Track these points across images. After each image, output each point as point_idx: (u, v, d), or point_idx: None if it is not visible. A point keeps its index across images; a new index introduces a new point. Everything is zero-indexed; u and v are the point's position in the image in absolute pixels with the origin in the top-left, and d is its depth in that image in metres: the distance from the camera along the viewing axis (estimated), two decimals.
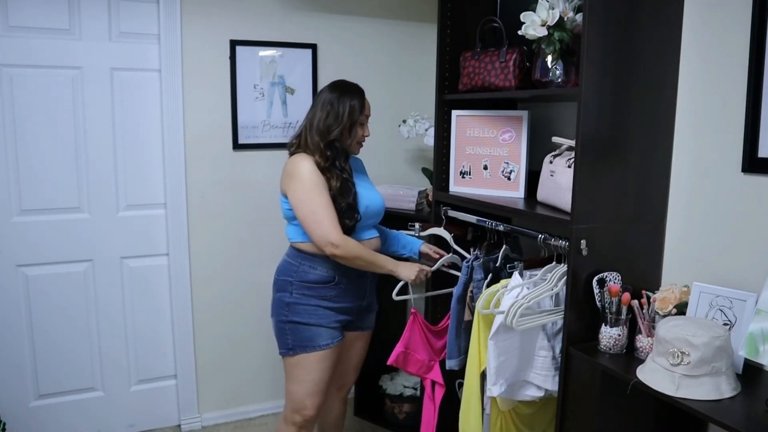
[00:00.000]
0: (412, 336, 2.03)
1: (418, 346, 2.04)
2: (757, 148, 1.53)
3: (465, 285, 2.08)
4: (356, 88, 1.97)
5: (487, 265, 2.04)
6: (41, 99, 2.39)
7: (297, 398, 1.97)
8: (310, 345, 1.93)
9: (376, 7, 2.87)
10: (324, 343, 1.94)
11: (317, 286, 1.94)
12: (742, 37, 1.55)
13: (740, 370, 1.47)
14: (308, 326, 1.93)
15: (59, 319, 2.54)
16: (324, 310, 1.95)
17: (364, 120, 1.96)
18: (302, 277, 1.95)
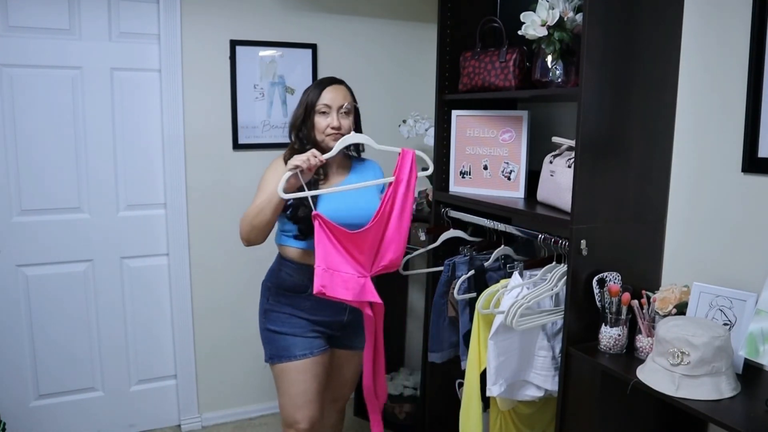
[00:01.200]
0: (325, 249, 1.68)
1: (338, 259, 1.70)
2: (757, 148, 1.53)
3: (447, 282, 2.09)
4: (324, 79, 1.88)
5: (474, 262, 2.05)
6: (41, 99, 2.39)
7: (287, 412, 1.88)
8: (286, 355, 1.84)
9: (376, 7, 2.87)
10: (300, 353, 1.84)
11: (292, 295, 1.85)
12: (742, 36, 1.55)
13: (740, 370, 1.47)
14: (283, 335, 1.85)
15: (59, 319, 2.54)
16: (298, 319, 1.86)
17: (326, 109, 1.81)
18: (280, 282, 1.87)
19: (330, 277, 1.66)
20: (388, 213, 1.71)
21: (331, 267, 1.67)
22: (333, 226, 1.66)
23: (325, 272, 1.66)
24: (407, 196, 1.75)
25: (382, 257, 1.75)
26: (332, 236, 1.67)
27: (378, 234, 1.72)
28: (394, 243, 1.75)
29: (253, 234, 1.77)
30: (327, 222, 1.66)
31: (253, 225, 1.75)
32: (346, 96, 1.85)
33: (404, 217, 1.75)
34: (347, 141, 1.74)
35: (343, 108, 1.82)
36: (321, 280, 1.64)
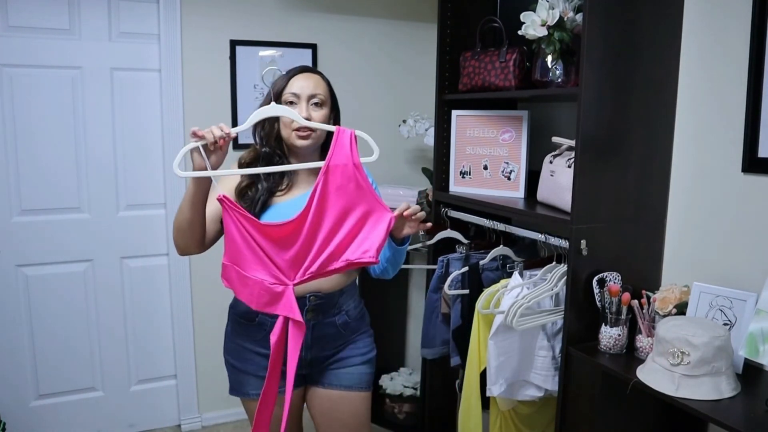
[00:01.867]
0: (233, 243, 1.35)
1: (247, 258, 1.35)
2: (757, 148, 1.53)
3: (440, 278, 2.10)
4: (294, 68, 1.59)
5: (470, 260, 2.05)
6: (41, 99, 2.39)
7: None
8: (241, 390, 1.61)
9: (376, 7, 2.87)
10: (254, 392, 1.56)
11: (245, 323, 1.57)
12: (742, 36, 1.55)
13: (740, 370, 1.47)
14: (236, 370, 1.60)
15: (59, 319, 2.54)
16: (251, 354, 1.56)
17: (293, 99, 1.51)
18: (234, 306, 1.61)
19: (233, 273, 1.37)
20: (320, 207, 1.32)
21: (236, 263, 1.35)
22: (243, 215, 1.32)
23: (226, 267, 1.38)
24: (349, 181, 1.34)
25: (315, 259, 1.36)
26: (242, 227, 1.32)
27: (305, 231, 1.33)
28: (337, 240, 1.35)
29: (178, 237, 1.45)
30: (235, 208, 1.33)
31: (175, 225, 1.44)
32: (319, 85, 1.55)
33: (355, 211, 1.35)
34: (262, 114, 1.40)
35: (315, 98, 1.52)
36: (223, 272, 1.39)
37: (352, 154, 1.35)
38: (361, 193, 1.35)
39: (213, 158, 1.35)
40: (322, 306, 1.55)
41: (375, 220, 1.36)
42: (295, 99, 1.52)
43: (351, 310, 1.62)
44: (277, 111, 1.41)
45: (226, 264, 1.38)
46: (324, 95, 1.55)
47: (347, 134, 1.35)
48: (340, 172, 1.34)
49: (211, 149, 1.35)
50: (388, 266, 1.60)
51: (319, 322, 1.56)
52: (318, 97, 1.54)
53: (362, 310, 1.69)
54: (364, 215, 1.36)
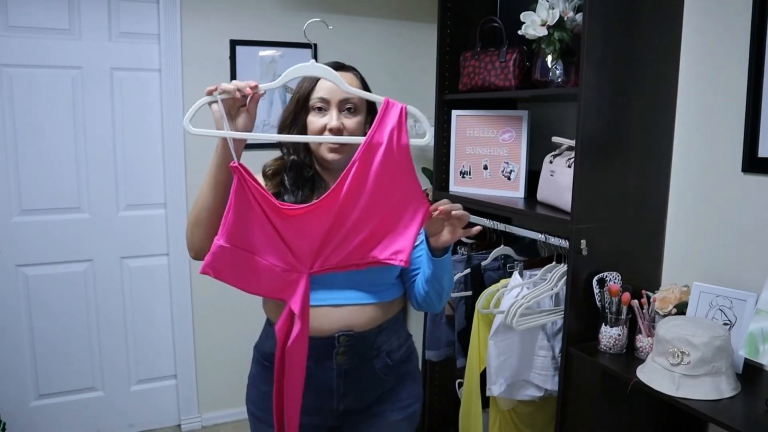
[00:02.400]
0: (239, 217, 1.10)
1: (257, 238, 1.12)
2: (757, 148, 1.53)
3: None
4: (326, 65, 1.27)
5: (472, 261, 2.05)
6: (41, 99, 2.39)
7: None
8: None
9: (376, 7, 2.87)
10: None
11: (267, 366, 1.30)
12: (743, 36, 1.55)
13: (740, 370, 1.47)
14: (259, 421, 1.36)
15: (59, 319, 2.53)
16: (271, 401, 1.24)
17: (322, 105, 1.26)
18: (260, 347, 1.37)
19: (230, 258, 1.10)
20: (352, 190, 1.11)
21: (241, 245, 1.10)
22: (260, 190, 1.09)
23: (223, 251, 1.09)
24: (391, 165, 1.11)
25: (339, 249, 1.15)
26: (257, 204, 1.09)
27: (331, 216, 1.12)
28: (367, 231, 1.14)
29: (195, 231, 1.20)
30: (252, 180, 1.08)
31: (192, 217, 1.21)
32: (353, 83, 1.29)
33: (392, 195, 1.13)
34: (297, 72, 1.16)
35: (348, 103, 1.27)
36: (212, 258, 1.09)
37: (400, 133, 1.12)
38: (404, 180, 1.13)
39: (239, 122, 1.14)
40: (356, 347, 1.26)
41: (412, 215, 1.14)
42: (323, 105, 1.26)
43: (394, 351, 1.32)
44: (318, 71, 1.17)
45: (224, 246, 1.09)
46: (359, 100, 1.28)
47: (397, 108, 1.13)
48: (382, 152, 1.10)
49: (233, 110, 1.14)
50: (429, 290, 1.27)
51: (354, 367, 1.26)
52: (350, 102, 1.27)
53: (409, 349, 1.38)
54: (402, 207, 1.13)
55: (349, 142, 1.25)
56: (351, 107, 1.28)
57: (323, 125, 1.25)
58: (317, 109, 1.27)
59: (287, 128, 1.28)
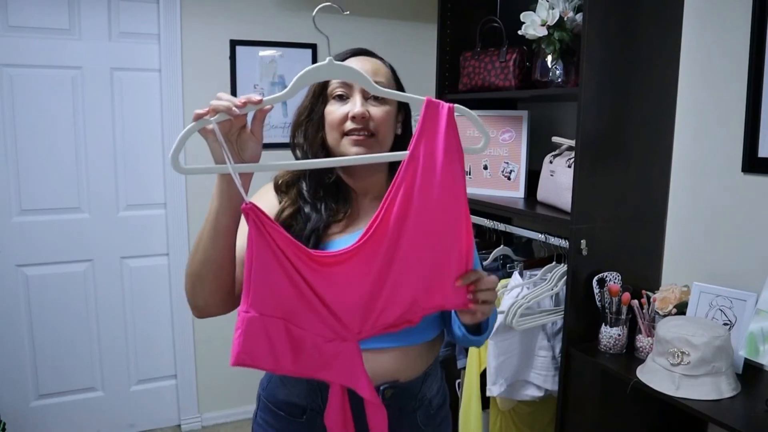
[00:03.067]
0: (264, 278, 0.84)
1: (290, 302, 0.86)
2: (757, 148, 1.53)
3: None
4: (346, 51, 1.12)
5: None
6: (41, 99, 2.39)
7: None
8: None
9: (376, 7, 2.87)
10: None
11: (284, 417, 1.09)
12: (742, 36, 1.55)
13: (740, 370, 1.47)
14: None
15: (59, 319, 2.53)
16: None
17: (343, 91, 1.05)
18: (270, 393, 1.13)
19: (263, 332, 0.84)
20: (396, 220, 0.87)
21: (272, 312, 0.85)
22: (282, 236, 0.83)
23: (254, 323, 0.84)
24: (443, 185, 0.87)
25: (390, 305, 0.90)
26: (281, 253, 0.83)
27: (377, 261, 0.88)
28: (415, 276, 0.90)
29: (195, 288, 0.96)
30: (270, 224, 0.83)
31: (189, 271, 0.96)
32: (380, 72, 1.10)
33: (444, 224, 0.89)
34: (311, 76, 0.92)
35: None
36: (243, 339, 0.83)
37: (450, 138, 0.87)
38: (457, 197, 0.88)
39: (244, 150, 0.89)
40: (399, 400, 1.07)
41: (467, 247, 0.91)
42: (344, 91, 1.04)
43: (434, 396, 1.15)
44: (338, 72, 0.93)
45: (255, 317, 0.83)
46: (387, 86, 1.07)
47: (443, 109, 0.88)
48: (430, 165, 0.86)
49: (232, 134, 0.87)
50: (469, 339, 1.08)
51: (395, 420, 1.05)
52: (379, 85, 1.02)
53: (444, 390, 1.21)
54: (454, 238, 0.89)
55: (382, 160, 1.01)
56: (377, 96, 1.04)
57: (344, 114, 1.02)
58: (337, 96, 1.05)
59: (303, 125, 1.08)
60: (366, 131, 1.02)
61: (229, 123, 0.86)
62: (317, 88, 1.07)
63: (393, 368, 1.04)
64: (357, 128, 1.01)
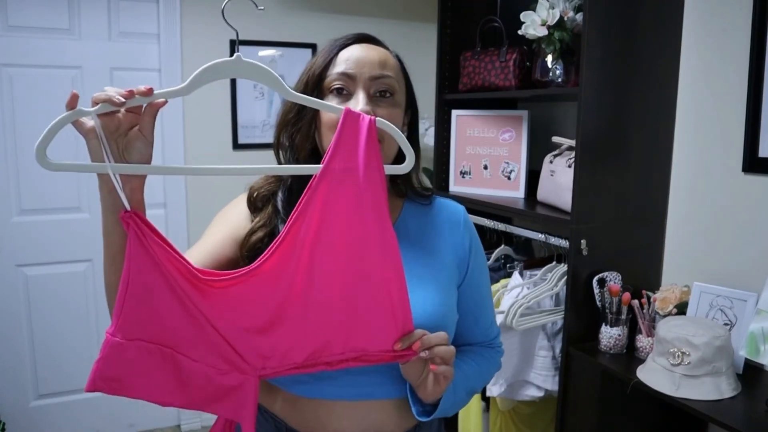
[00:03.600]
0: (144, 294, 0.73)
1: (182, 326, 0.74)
2: (758, 148, 1.53)
3: None
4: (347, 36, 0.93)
5: None
6: (41, 99, 2.39)
7: None
8: None
9: (376, 7, 2.87)
10: None
11: None
12: (743, 36, 1.55)
13: (740, 370, 1.47)
14: None
15: (59, 319, 2.53)
16: None
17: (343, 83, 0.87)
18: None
19: (134, 359, 0.73)
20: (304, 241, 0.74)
21: (151, 338, 0.73)
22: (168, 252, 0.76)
23: (120, 350, 0.72)
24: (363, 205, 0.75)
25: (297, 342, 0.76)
26: (167, 274, 0.74)
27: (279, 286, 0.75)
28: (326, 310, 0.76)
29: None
30: (153, 236, 0.77)
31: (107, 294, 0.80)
32: (388, 63, 0.91)
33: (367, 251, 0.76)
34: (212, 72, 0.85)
35: (381, 82, 0.88)
36: (102, 365, 0.72)
37: (368, 154, 0.75)
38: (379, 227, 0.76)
39: (131, 150, 0.74)
40: None
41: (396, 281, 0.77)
42: (346, 83, 0.87)
43: None
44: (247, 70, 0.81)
45: (121, 344, 0.72)
46: (396, 80, 0.91)
47: (363, 122, 0.76)
48: (347, 180, 0.75)
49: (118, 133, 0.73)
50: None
51: None
52: (386, 81, 0.88)
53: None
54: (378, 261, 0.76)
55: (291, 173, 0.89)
56: (386, 90, 0.88)
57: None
58: (336, 90, 0.88)
59: (290, 125, 0.92)
60: None
61: (115, 120, 0.71)
62: (311, 78, 0.90)
63: (375, 423, 0.86)
64: None
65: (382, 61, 0.89)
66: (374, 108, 0.85)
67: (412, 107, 0.99)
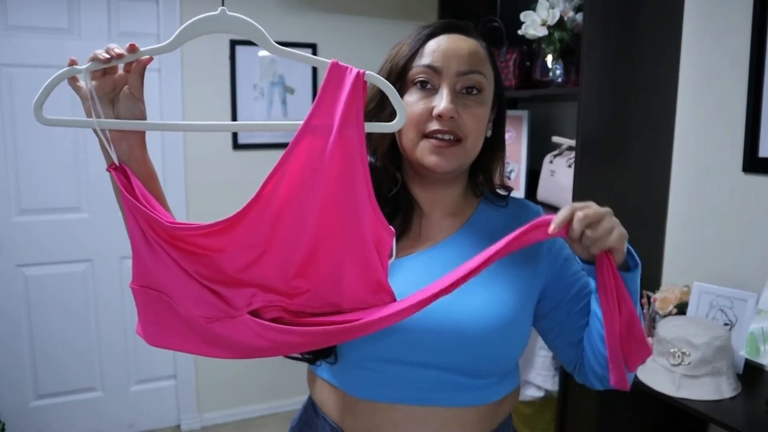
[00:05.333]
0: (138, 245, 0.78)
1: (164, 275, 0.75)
2: (758, 148, 1.53)
3: None
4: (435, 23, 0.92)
5: None
6: None
7: None
8: None
9: (376, 7, 2.87)
10: None
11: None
12: (743, 36, 1.55)
13: (741, 370, 1.47)
14: None
15: (59, 319, 2.53)
16: None
17: (428, 76, 0.82)
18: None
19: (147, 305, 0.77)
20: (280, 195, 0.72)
21: (152, 286, 0.76)
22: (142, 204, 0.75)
23: (137, 293, 0.77)
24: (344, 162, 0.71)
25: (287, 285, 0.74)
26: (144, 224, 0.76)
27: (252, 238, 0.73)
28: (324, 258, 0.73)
29: None
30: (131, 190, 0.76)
31: None
32: (478, 57, 0.87)
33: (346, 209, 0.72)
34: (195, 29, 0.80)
35: (470, 78, 0.83)
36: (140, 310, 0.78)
37: (347, 111, 0.70)
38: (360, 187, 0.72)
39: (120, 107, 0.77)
40: None
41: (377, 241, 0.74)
42: (431, 77, 0.82)
43: None
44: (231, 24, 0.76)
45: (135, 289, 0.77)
46: (485, 76, 0.85)
47: (350, 74, 0.71)
48: (320, 140, 0.70)
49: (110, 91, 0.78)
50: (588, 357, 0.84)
51: None
52: (474, 77, 0.83)
53: None
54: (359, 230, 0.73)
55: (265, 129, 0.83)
56: (474, 87, 0.82)
57: (427, 109, 0.80)
58: (419, 83, 0.82)
59: (370, 117, 0.82)
60: (451, 134, 0.80)
61: (110, 81, 0.77)
62: (395, 68, 0.85)
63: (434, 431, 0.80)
64: (441, 130, 0.79)
65: (472, 54, 0.84)
66: (459, 106, 0.80)
67: (500, 102, 0.91)
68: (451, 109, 0.79)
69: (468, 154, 0.83)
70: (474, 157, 0.85)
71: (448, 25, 0.87)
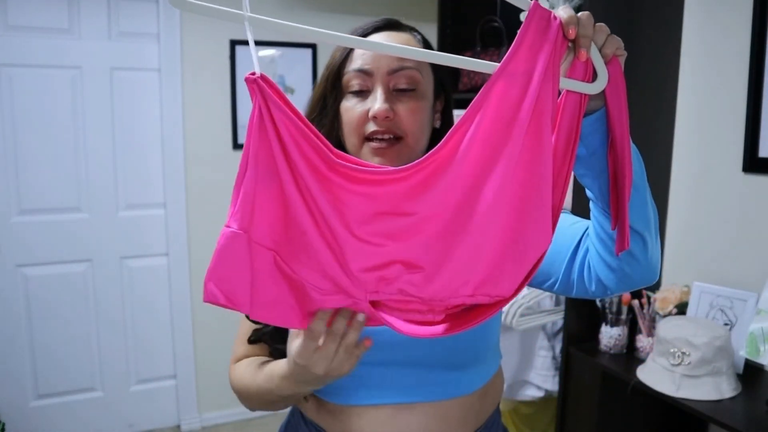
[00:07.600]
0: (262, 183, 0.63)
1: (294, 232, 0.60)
2: (758, 148, 1.53)
3: None
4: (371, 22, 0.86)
5: None
6: (41, 99, 2.39)
7: None
8: None
9: (376, 7, 2.86)
10: None
11: None
12: (743, 36, 1.55)
13: (741, 370, 1.47)
14: None
15: (59, 319, 2.53)
16: None
17: (361, 81, 0.80)
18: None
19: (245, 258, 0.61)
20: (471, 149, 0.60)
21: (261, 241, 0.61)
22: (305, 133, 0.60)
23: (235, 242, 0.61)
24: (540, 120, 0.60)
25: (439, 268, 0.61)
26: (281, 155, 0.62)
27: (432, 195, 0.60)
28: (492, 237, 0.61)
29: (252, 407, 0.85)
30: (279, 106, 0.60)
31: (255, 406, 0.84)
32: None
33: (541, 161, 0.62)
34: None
35: (401, 75, 0.79)
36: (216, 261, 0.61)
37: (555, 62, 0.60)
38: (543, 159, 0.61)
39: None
40: None
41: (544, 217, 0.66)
42: (363, 81, 0.80)
43: None
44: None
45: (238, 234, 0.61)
46: (419, 69, 0.81)
47: (555, 22, 0.60)
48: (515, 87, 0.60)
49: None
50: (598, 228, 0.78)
51: None
52: (406, 73, 0.79)
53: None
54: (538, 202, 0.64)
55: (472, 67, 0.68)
56: (407, 85, 0.79)
57: (363, 112, 0.79)
58: (353, 92, 0.81)
59: (314, 123, 0.79)
60: (390, 134, 0.78)
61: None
62: (331, 74, 0.83)
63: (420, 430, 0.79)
64: (379, 131, 0.78)
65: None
66: (395, 104, 0.78)
67: (445, 91, 0.87)
68: (386, 108, 0.77)
69: (413, 150, 0.80)
70: (422, 151, 0.81)
71: (381, 23, 0.84)
